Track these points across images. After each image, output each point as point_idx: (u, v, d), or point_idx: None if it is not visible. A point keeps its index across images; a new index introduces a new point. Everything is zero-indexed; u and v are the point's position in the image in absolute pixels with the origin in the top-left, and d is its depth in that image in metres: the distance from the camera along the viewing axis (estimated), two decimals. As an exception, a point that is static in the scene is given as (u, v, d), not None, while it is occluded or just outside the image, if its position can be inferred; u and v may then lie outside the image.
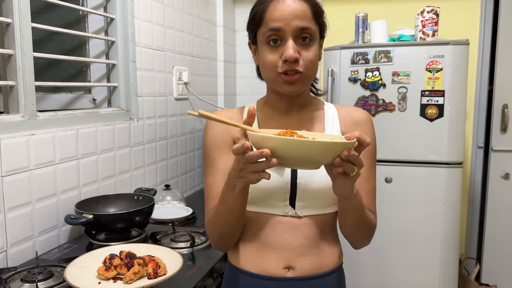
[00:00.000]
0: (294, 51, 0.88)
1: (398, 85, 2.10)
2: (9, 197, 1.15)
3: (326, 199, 0.94)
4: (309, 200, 0.93)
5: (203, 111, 0.78)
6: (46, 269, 1.05)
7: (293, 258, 0.93)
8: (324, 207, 0.95)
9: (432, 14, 2.08)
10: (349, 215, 0.89)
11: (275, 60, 0.90)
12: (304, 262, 0.93)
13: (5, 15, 1.19)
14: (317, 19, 0.92)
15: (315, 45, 0.91)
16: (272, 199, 0.94)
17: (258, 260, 0.95)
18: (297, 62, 0.89)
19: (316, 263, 0.94)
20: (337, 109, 1.02)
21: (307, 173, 0.92)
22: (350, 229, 0.93)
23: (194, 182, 2.32)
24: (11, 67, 1.21)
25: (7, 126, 1.16)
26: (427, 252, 2.13)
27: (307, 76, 0.92)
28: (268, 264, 0.94)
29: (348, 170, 0.73)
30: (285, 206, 0.94)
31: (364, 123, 0.99)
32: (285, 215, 0.94)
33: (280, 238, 0.94)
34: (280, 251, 0.94)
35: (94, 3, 1.66)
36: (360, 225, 0.92)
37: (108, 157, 1.56)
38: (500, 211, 2.49)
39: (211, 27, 2.47)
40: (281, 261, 0.94)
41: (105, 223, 1.31)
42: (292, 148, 0.69)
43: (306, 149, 0.69)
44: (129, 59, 1.70)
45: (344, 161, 0.71)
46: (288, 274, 0.93)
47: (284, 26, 0.88)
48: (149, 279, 0.94)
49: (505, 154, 2.47)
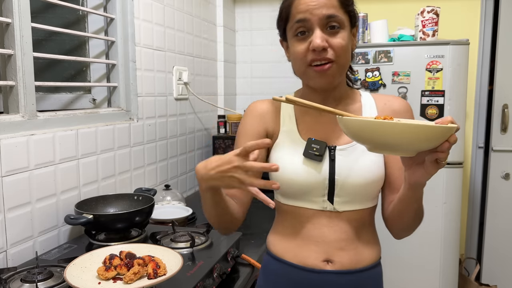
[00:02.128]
0: (322, 40, 0.86)
1: (398, 85, 2.10)
2: (9, 197, 1.15)
3: (365, 195, 0.93)
4: (347, 196, 0.93)
5: (290, 96, 0.78)
6: (46, 269, 1.05)
7: (332, 252, 0.94)
8: (363, 202, 0.94)
9: (432, 14, 2.08)
10: (413, 205, 0.87)
11: (303, 51, 0.89)
12: (343, 256, 0.94)
13: (5, 15, 1.19)
14: (345, 7, 0.90)
15: (344, 33, 0.89)
16: (311, 195, 0.94)
17: (298, 252, 0.96)
18: (326, 50, 0.87)
19: (355, 257, 0.94)
20: (375, 99, 1.00)
21: (345, 169, 0.92)
22: (409, 218, 0.90)
23: (194, 182, 2.32)
24: (11, 67, 1.21)
25: (7, 126, 1.16)
26: (427, 252, 2.13)
27: (339, 65, 0.90)
28: (308, 257, 0.95)
29: (444, 157, 0.71)
30: (324, 201, 0.94)
31: (403, 113, 0.97)
32: (324, 209, 0.94)
33: (319, 232, 0.94)
34: (319, 245, 0.94)
35: (94, 3, 1.65)
36: (419, 214, 0.90)
37: (108, 157, 1.56)
38: (500, 211, 2.49)
39: (211, 27, 2.47)
40: (320, 254, 0.94)
41: (105, 223, 1.31)
42: (400, 133, 0.66)
43: (415, 135, 0.66)
44: (129, 59, 1.70)
45: (448, 147, 0.69)
46: (327, 267, 0.94)
47: (310, 16, 0.87)
48: (149, 279, 0.94)
49: (505, 154, 2.47)
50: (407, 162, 0.77)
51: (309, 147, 0.93)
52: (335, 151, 0.93)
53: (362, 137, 0.72)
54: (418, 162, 0.76)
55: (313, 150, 0.92)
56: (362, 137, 0.72)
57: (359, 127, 0.70)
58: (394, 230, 0.97)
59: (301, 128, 0.98)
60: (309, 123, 0.98)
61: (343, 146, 0.94)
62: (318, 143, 0.93)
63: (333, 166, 0.92)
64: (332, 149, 0.94)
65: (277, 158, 0.97)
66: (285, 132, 0.99)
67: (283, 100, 0.79)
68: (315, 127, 0.97)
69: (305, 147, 0.93)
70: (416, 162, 0.76)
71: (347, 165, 0.92)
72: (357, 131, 0.71)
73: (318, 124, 0.97)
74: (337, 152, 0.93)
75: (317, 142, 0.93)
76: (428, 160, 0.73)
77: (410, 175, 0.78)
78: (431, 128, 0.66)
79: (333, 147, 0.94)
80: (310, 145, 0.93)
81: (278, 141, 0.99)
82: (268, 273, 1.01)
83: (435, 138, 0.68)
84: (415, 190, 0.82)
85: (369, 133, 0.69)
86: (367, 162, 0.92)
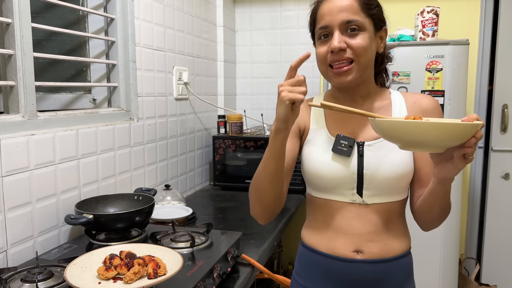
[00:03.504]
0: (339, 42, 0.92)
1: (398, 85, 2.10)
2: (9, 197, 1.15)
3: (393, 188, 0.97)
4: (376, 189, 0.96)
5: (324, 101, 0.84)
6: (46, 269, 1.05)
7: (361, 243, 0.98)
8: (392, 195, 0.98)
9: (432, 14, 2.08)
10: (440, 199, 0.90)
11: (324, 53, 0.95)
12: (372, 247, 0.97)
13: (5, 15, 1.19)
14: (366, 11, 0.94)
15: (365, 34, 0.93)
16: (340, 188, 0.98)
17: (330, 242, 1.00)
18: (344, 51, 0.92)
19: (384, 248, 0.98)
20: (405, 97, 1.04)
21: (373, 164, 0.96)
22: (438, 211, 0.94)
23: (194, 182, 2.32)
24: (11, 67, 1.21)
25: (7, 126, 1.16)
26: (427, 252, 2.13)
27: (359, 64, 0.94)
28: (338, 247, 0.99)
29: (472, 152, 0.75)
30: (353, 194, 0.98)
31: (432, 111, 1.00)
32: (353, 202, 0.98)
33: (349, 225, 0.98)
34: (349, 237, 0.98)
35: (94, 3, 1.66)
36: (446, 207, 0.94)
37: (108, 157, 1.56)
38: (500, 211, 2.49)
39: (211, 27, 2.47)
40: (350, 246, 0.98)
41: (105, 223, 1.31)
42: (431, 132, 0.71)
43: (443, 133, 0.71)
44: (129, 59, 1.70)
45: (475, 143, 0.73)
46: (357, 256, 0.98)
47: (331, 22, 0.93)
48: (149, 279, 0.94)
49: (505, 154, 2.47)
50: (436, 158, 0.81)
51: (338, 143, 0.97)
52: (363, 147, 0.97)
53: (393, 136, 0.77)
54: (447, 158, 0.79)
55: (341, 146, 0.97)
56: (394, 136, 0.77)
57: (390, 127, 0.75)
58: (422, 223, 1.01)
59: (330, 125, 1.03)
60: (338, 120, 1.02)
61: (371, 142, 0.98)
62: (347, 139, 0.97)
63: (361, 161, 0.96)
64: (361, 144, 0.98)
65: (308, 153, 1.02)
66: (315, 129, 1.04)
67: (319, 106, 0.84)
68: (344, 124, 1.01)
69: (333, 143, 0.98)
70: (445, 158, 0.79)
71: (375, 160, 0.96)
72: (388, 131, 0.76)
73: (346, 121, 1.02)
74: (365, 147, 0.97)
75: (346, 138, 0.97)
76: (456, 156, 0.76)
77: (439, 171, 0.82)
78: (458, 126, 0.70)
79: (362, 143, 0.98)
80: (339, 141, 0.97)
81: (308, 138, 1.04)
82: (303, 262, 1.07)
83: (461, 135, 0.72)
84: (444, 185, 0.85)
85: (399, 132, 0.74)
86: (395, 157, 0.95)
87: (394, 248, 0.99)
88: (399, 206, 1.01)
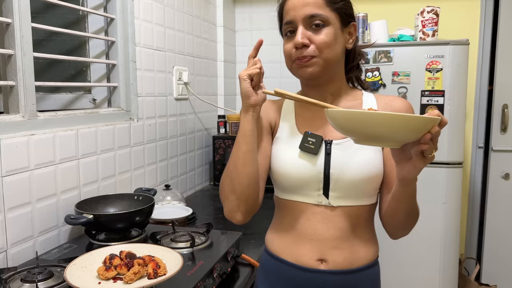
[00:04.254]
0: (302, 37, 0.91)
1: (398, 85, 2.10)
2: (9, 197, 1.15)
3: (361, 191, 0.93)
4: (343, 191, 0.93)
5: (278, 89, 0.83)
6: (46, 269, 1.05)
7: (326, 250, 0.94)
8: (359, 199, 0.94)
9: (432, 14, 2.08)
10: (405, 202, 0.87)
11: (289, 49, 0.95)
12: (337, 255, 0.93)
13: (5, 15, 1.19)
14: (332, 5, 0.92)
15: (329, 29, 0.92)
16: (306, 188, 0.94)
17: (293, 250, 0.97)
18: (307, 47, 0.92)
19: (349, 257, 0.94)
20: (377, 98, 1.02)
21: (341, 163, 0.92)
22: (402, 217, 0.91)
23: (194, 182, 2.32)
24: (11, 67, 1.21)
25: (7, 126, 1.16)
26: (427, 252, 2.13)
27: (323, 59, 0.92)
28: (302, 255, 0.95)
29: (430, 150, 0.72)
30: (319, 195, 0.94)
31: (404, 112, 0.97)
32: (319, 204, 0.94)
33: (313, 229, 0.94)
34: (313, 242, 0.94)
35: (94, 3, 1.66)
36: (412, 212, 0.91)
37: (108, 157, 1.56)
38: (500, 211, 2.49)
39: (211, 27, 2.47)
40: (314, 253, 0.94)
41: (105, 223, 1.31)
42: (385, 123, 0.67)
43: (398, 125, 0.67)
44: (129, 59, 1.70)
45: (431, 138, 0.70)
46: (321, 266, 0.94)
47: (295, 16, 0.93)
48: (149, 279, 0.94)
49: (505, 154, 2.47)
50: (397, 157, 0.79)
51: (305, 140, 0.94)
52: (331, 145, 0.94)
53: (347, 128, 0.73)
54: (407, 157, 0.77)
55: (309, 143, 0.94)
56: (348, 129, 0.73)
57: (343, 117, 0.71)
58: (389, 230, 0.97)
59: (299, 122, 1.00)
60: (308, 118, 1.00)
61: (339, 141, 0.95)
62: (314, 137, 0.94)
63: (328, 160, 0.93)
64: (328, 143, 0.95)
65: (275, 151, 0.99)
66: (284, 126, 1.01)
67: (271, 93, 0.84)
68: (313, 122, 0.99)
69: (301, 140, 0.95)
70: (406, 157, 0.77)
71: (342, 159, 0.93)
72: (342, 121, 0.72)
73: (316, 119, 0.99)
74: (333, 146, 0.94)
75: (313, 136, 0.94)
76: (414, 154, 0.74)
77: (400, 170, 0.80)
78: (413, 118, 0.67)
79: (329, 141, 0.95)
80: (306, 138, 0.94)
81: (277, 135, 1.02)
82: (266, 271, 1.02)
83: (416, 129, 0.68)
84: (405, 186, 0.83)
85: (353, 123, 0.70)
86: (364, 158, 0.92)
87: (361, 256, 0.95)
88: (367, 211, 0.96)
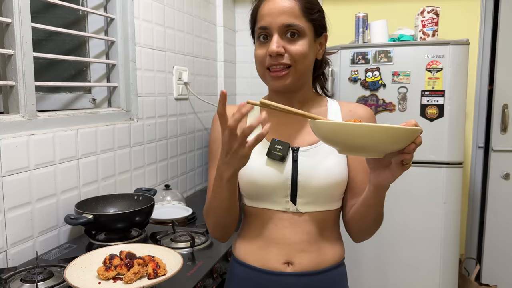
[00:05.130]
0: (278, 46, 0.90)
1: (398, 85, 2.10)
2: (9, 197, 1.15)
3: (327, 196, 0.94)
4: (310, 197, 0.94)
5: (264, 100, 0.80)
6: (46, 269, 1.05)
7: (293, 253, 0.94)
8: (326, 204, 0.95)
9: (432, 14, 2.08)
10: (374, 207, 0.88)
11: (263, 55, 0.93)
12: (303, 258, 0.94)
13: (5, 15, 1.19)
14: (307, 16, 0.92)
15: (304, 40, 0.92)
16: (273, 195, 0.95)
17: (259, 254, 0.97)
18: (282, 56, 0.91)
19: (315, 259, 0.95)
20: (340, 105, 1.02)
21: (308, 170, 0.93)
22: (370, 221, 0.92)
23: (194, 182, 2.32)
24: (11, 67, 1.21)
25: (7, 126, 1.16)
26: (427, 252, 2.13)
27: (297, 69, 0.92)
28: (269, 259, 0.95)
29: (410, 158, 0.73)
30: (286, 202, 0.94)
31: (367, 120, 0.98)
32: (286, 211, 0.95)
33: (281, 234, 0.95)
34: (281, 247, 0.95)
35: (94, 3, 1.66)
36: (379, 216, 0.92)
37: (108, 157, 1.56)
38: (500, 211, 2.49)
39: (211, 27, 2.47)
40: (281, 256, 0.95)
41: (105, 223, 1.31)
42: (371, 135, 0.68)
43: (384, 136, 0.68)
44: (129, 59, 1.70)
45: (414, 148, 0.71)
46: (287, 269, 0.94)
47: (271, 23, 0.91)
48: (149, 279, 0.94)
49: (505, 154, 2.47)
50: (373, 165, 0.79)
51: (273, 147, 0.94)
52: (298, 152, 0.95)
53: (333, 139, 0.74)
54: (384, 165, 0.77)
55: (276, 150, 0.94)
56: (333, 140, 0.74)
57: (330, 129, 0.72)
58: (354, 233, 0.98)
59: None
60: (274, 125, 0.98)
61: (306, 148, 0.95)
62: (282, 144, 0.94)
63: (295, 167, 0.93)
64: (295, 150, 0.95)
65: None
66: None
67: (257, 104, 0.80)
68: (280, 128, 0.98)
69: (268, 147, 0.95)
70: (383, 165, 0.77)
71: (309, 166, 0.93)
72: (328, 133, 0.73)
73: (283, 126, 0.99)
74: (300, 153, 0.95)
75: (281, 143, 0.94)
76: (394, 162, 0.74)
77: (375, 177, 0.79)
78: (399, 130, 0.68)
79: (296, 148, 0.95)
80: (274, 146, 0.94)
81: None
82: (233, 278, 1.02)
83: (403, 140, 0.70)
84: (378, 193, 0.83)
85: (339, 135, 0.71)
86: (330, 164, 0.93)
87: (327, 258, 0.96)
88: (333, 216, 0.98)
